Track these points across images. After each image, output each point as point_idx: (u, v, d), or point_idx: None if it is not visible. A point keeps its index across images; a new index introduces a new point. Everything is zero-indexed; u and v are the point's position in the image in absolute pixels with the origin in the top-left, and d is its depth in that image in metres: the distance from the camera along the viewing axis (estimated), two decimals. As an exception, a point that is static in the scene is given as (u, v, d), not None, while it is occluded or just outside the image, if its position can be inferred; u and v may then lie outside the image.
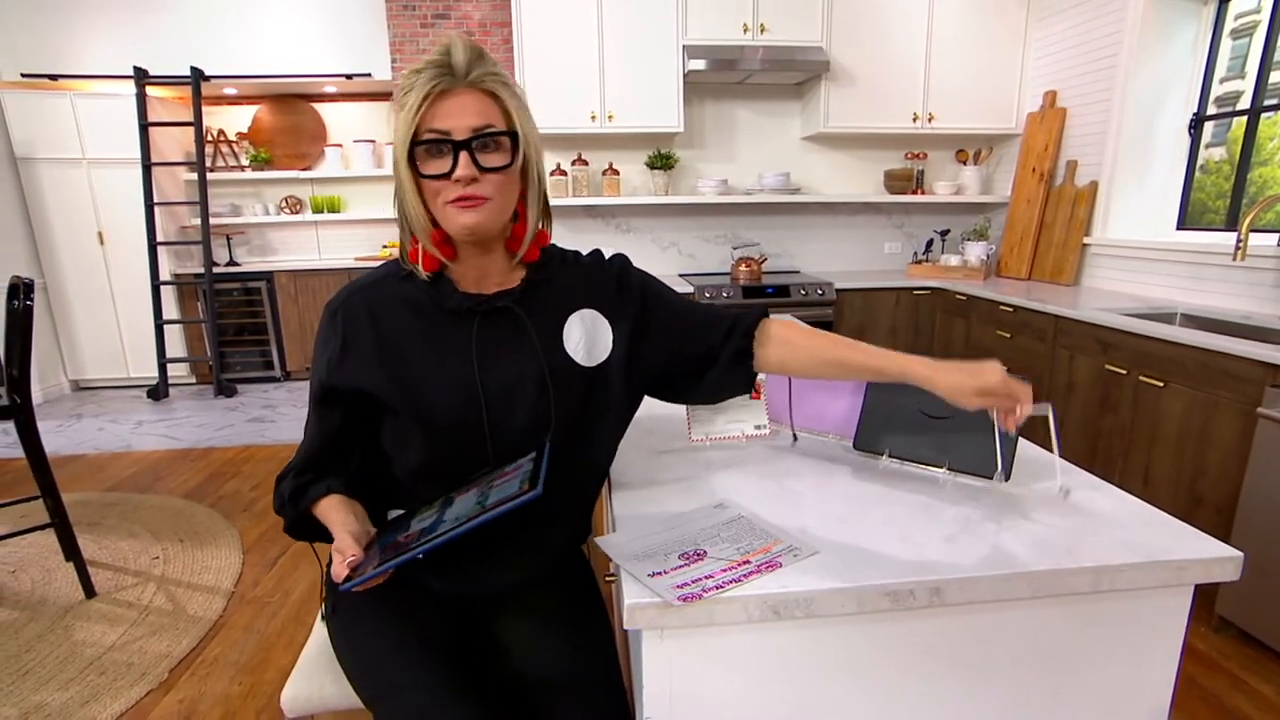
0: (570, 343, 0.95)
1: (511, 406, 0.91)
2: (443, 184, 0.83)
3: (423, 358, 0.91)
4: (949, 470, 1.01)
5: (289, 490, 0.94)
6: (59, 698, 1.74)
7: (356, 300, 0.92)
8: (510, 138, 0.84)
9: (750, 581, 0.74)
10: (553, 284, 0.96)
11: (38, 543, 2.56)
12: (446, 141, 0.82)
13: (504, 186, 0.86)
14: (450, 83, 0.82)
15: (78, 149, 4.44)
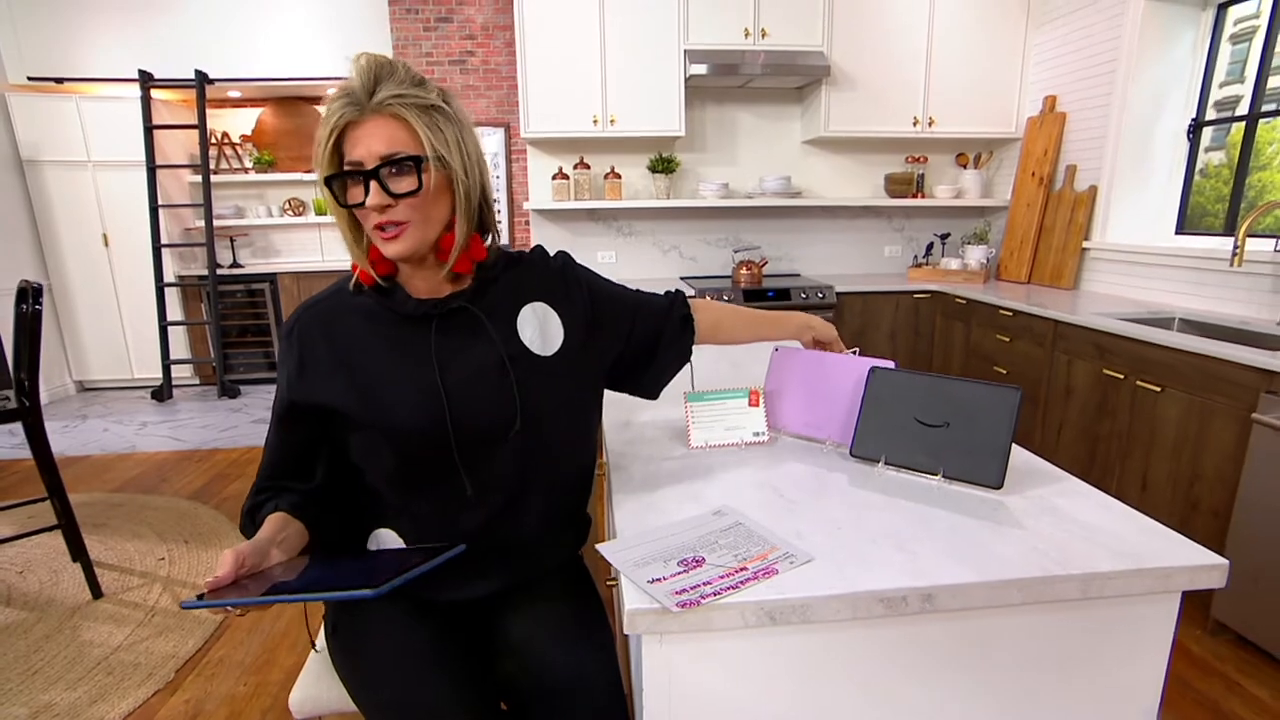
0: (525, 334, 0.97)
1: (475, 401, 0.92)
2: (365, 211, 0.85)
3: (380, 366, 0.91)
4: (943, 477, 1.03)
5: (247, 507, 0.94)
6: (67, 697, 1.76)
7: (309, 317, 0.93)
8: (416, 162, 0.84)
9: (747, 588, 0.76)
10: (502, 281, 0.98)
11: (45, 544, 2.59)
12: (359, 172, 0.83)
13: (421, 208, 0.86)
14: (356, 113, 0.83)
15: (83, 151, 4.48)
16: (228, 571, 0.76)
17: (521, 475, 0.95)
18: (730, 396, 1.20)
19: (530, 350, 0.96)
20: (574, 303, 1.02)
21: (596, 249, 3.81)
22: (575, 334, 1.00)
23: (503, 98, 4.73)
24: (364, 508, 0.98)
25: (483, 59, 4.66)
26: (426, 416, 0.90)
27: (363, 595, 0.71)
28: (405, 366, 0.91)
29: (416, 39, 4.60)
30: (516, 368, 0.94)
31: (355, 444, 0.94)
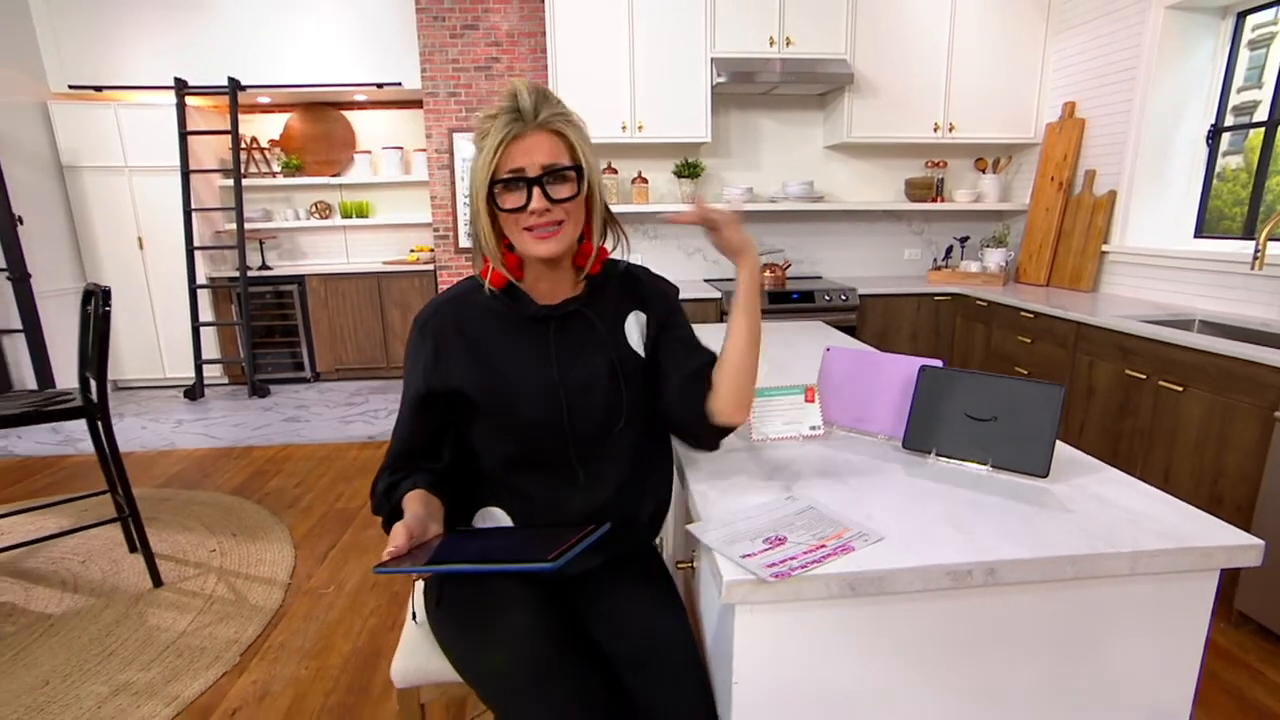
0: (631, 338, 1.10)
1: (589, 399, 1.04)
2: (519, 215, 0.96)
3: (506, 360, 1.03)
4: (991, 467, 1.11)
5: (383, 487, 1.05)
6: (143, 677, 1.86)
7: (445, 311, 1.05)
8: (576, 171, 0.97)
9: (829, 562, 0.84)
10: (610, 289, 1.11)
11: (102, 535, 2.69)
12: (521, 179, 0.94)
13: (573, 213, 0.99)
14: (521, 127, 0.94)
15: (120, 157, 4.61)
16: (403, 544, 0.89)
17: (626, 465, 1.07)
18: (787, 393, 1.28)
19: (634, 352, 1.09)
20: (656, 310, 1.14)
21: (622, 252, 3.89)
22: (652, 335, 1.12)
23: (527, 103, 4.83)
24: (477, 487, 1.08)
25: (507, 65, 4.76)
26: (545, 409, 1.02)
27: (542, 568, 0.82)
28: (528, 363, 1.03)
29: (443, 45, 4.70)
30: (624, 370, 1.07)
31: (478, 429, 1.05)
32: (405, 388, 1.07)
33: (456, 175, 4.92)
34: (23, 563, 2.48)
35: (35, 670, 1.88)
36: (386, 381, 5.18)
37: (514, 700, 0.92)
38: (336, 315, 5.06)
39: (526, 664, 0.94)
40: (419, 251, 5.29)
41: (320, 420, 4.23)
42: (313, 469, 3.45)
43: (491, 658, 0.97)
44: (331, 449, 3.74)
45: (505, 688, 0.93)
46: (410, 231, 5.45)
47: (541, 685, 0.91)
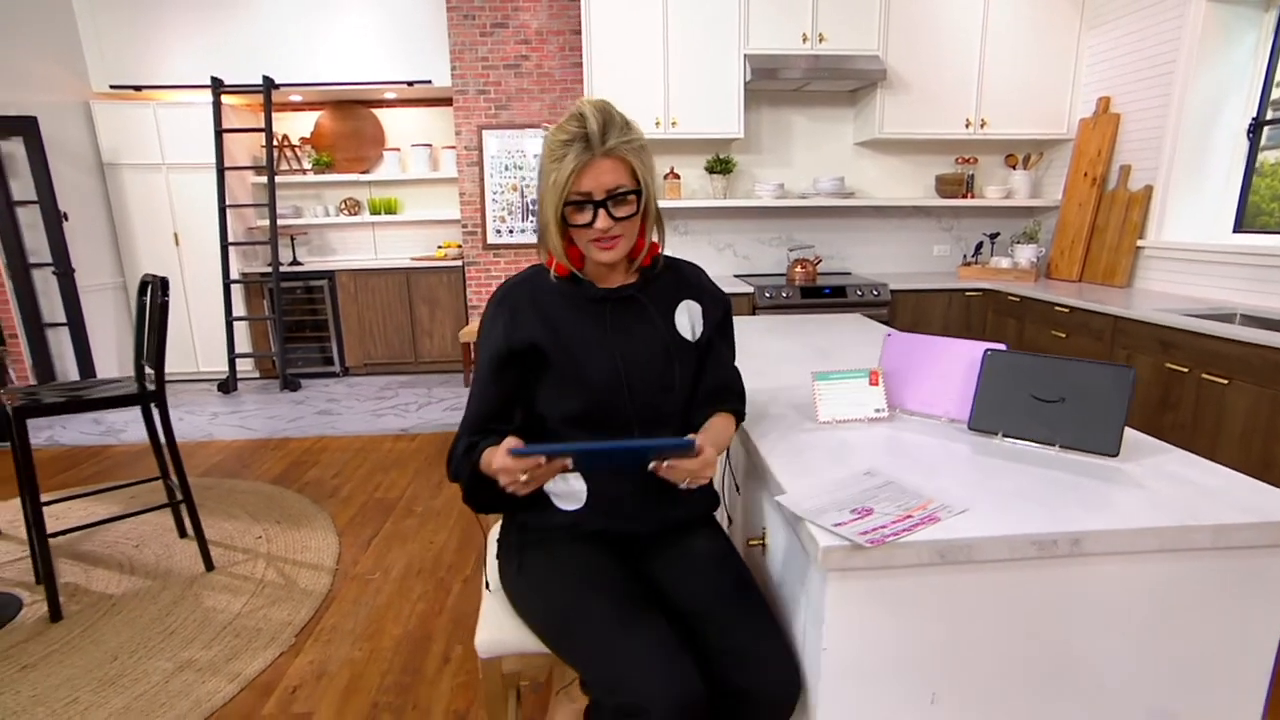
0: (680, 324, 1.21)
1: (646, 372, 1.15)
2: (586, 230, 1.08)
3: (572, 328, 1.14)
4: (1059, 448, 1.13)
5: (463, 447, 1.12)
6: (205, 655, 1.91)
7: (518, 290, 1.17)
8: (636, 194, 1.08)
9: (919, 530, 0.87)
10: (662, 280, 1.22)
11: (152, 521, 2.76)
12: (588, 201, 1.06)
13: (631, 228, 1.11)
14: (589, 157, 1.04)
15: (158, 155, 4.70)
16: (517, 442, 0.96)
17: (680, 431, 1.18)
18: (852, 376, 1.31)
19: (683, 337, 1.20)
20: (713, 311, 1.25)
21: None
22: (708, 332, 1.23)
23: (555, 100, 4.88)
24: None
25: (536, 63, 4.81)
26: (608, 371, 1.12)
27: (684, 443, 0.94)
28: (590, 333, 1.14)
29: (473, 44, 4.76)
30: (676, 350, 1.18)
31: (547, 389, 1.14)
32: (482, 354, 1.15)
33: (485, 172, 4.97)
34: (79, 545, 2.55)
35: (104, 646, 1.94)
36: (415, 376, 5.24)
37: (601, 650, 0.98)
38: (366, 310, 5.14)
39: (610, 615, 1.02)
40: (447, 248, 5.35)
41: (352, 413, 4.30)
42: (349, 460, 3.51)
43: (576, 611, 1.04)
44: (365, 441, 3.80)
45: (592, 638, 1.00)
46: (438, 228, 5.51)
47: (627, 632, 0.99)
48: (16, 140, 3.95)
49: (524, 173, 4.99)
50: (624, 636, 0.99)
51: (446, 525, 2.75)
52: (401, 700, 1.77)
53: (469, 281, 5.14)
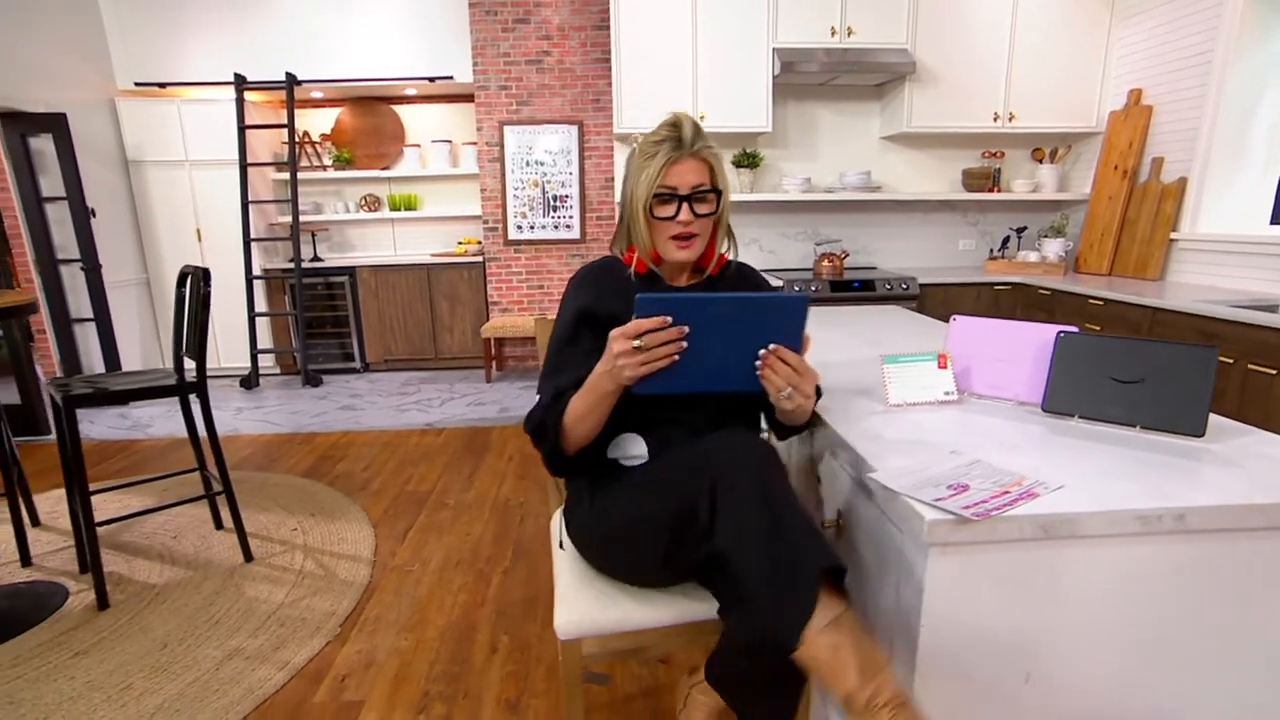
0: None
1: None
2: (668, 224, 1.18)
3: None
4: (1140, 429, 1.12)
5: (549, 397, 1.13)
6: (252, 644, 1.92)
7: (599, 273, 1.28)
8: (716, 193, 1.19)
9: (1021, 505, 0.86)
10: (724, 279, 1.31)
11: (187, 513, 2.77)
12: (675, 196, 1.16)
13: (707, 228, 1.22)
14: (679, 154, 1.16)
15: (181, 151, 4.72)
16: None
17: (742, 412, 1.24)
18: (921, 359, 1.30)
19: None
20: None
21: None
22: None
23: (576, 96, 4.88)
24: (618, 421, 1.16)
25: (558, 59, 4.81)
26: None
27: (801, 297, 0.98)
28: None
29: (495, 39, 4.77)
30: None
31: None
32: (562, 320, 1.23)
33: (507, 168, 4.98)
34: (118, 537, 2.56)
35: (151, 634, 1.95)
36: (435, 372, 5.25)
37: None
38: (386, 306, 5.15)
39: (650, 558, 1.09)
40: (466, 244, 5.36)
41: (375, 409, 4.30)
42: (377, 454, 3.51)
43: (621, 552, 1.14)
44: (391, 435, 3.80)
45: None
46: (457, 224, 5.52)
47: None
48: (45, 137, 3.97)
49: (545, 169, 5.00)
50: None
51: (481, 518, 2.75)
52: (452, 689, 1.77)
53: (489, 278, 5.15)
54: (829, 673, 0.85)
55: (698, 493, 0.98)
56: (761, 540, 0.92)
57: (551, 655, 1.89)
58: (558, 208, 5.08)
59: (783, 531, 0.93)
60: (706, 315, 0.97)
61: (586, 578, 1.18)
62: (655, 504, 1.07)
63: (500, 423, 3.99)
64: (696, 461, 1.03)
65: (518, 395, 4.58)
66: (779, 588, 0.89)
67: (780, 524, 0.93)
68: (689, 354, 0.98)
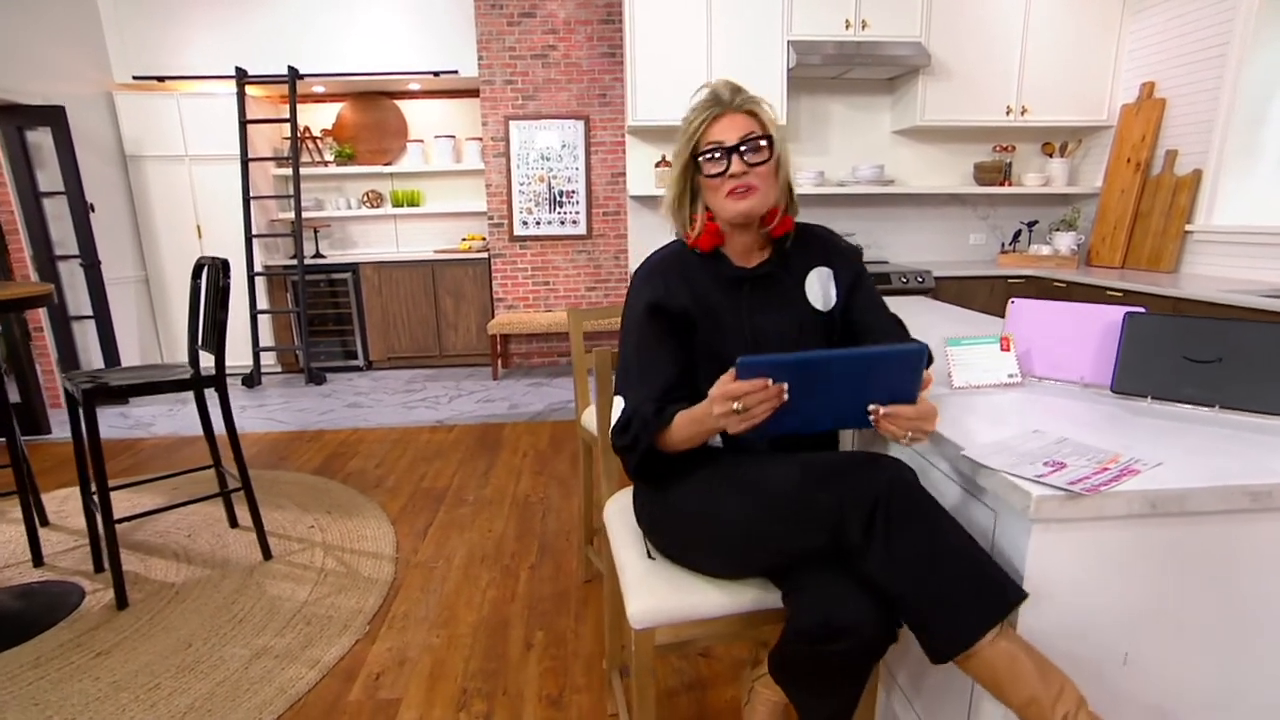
0: (810, 293, 1.22)
1: (779, 346, 1.16)
2: (720, 181, 1.12)
3: (716, 306, 1.18)
4: (1219, 408, 1.10)
5: (651, 410, 1.08)
6: (279, 642, 1.87)
7: (665, 263, 1.22)
8: (767, 140, 1.12)
9: (1124, 481, 0.84)
10: (796, 251, 1.24)
11: (200, 511, 2.71)
12: (721, 149, 1.10)
13: (766, 177, 1.13)
14: (719, 109, 1.13)
15: (181, 146, 4.63)
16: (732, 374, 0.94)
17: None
18: (984, 342, 1.28)
19: (814, 307, 1.22)
20: (846, 272, 1.25)
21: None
22: (842, 298, 1.24)
23: (583, 91, 4.85)
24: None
25: (564, 53, 4.78)
26: (741, 348, 1.14)
27: (910, 349, 0.90)
28: (730, 313, 1.18)
29: (500, 33, 4.72)
30: (806, 324, 1.21)
31: (700, 365, 1.15)
32: (632, 320, 1.18)
33: (512, 163, 4.93)
34: (131, 536, 2.50)
35: (174, 634, 1.89)
36: (440, 370, 5.19)
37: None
38: (390, 303, 5.08)
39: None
40: (471, 240, 5.31)
41: (383, 406, 4.25)
42: (388, 451, 3.46)
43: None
44: (401, 432, 3.75)
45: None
46: (461, 220, 5.46)
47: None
48: (42, 130, 3.88)
49: (550, 164, 4.96)
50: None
51: (501, 514, 2.71)
52: (490, 686, 1.73)
53: (495, 274, 5.10)
54: (1008, 679, 0.85)
55: (845, 513, 0.93)
56: (937, 567, 0.89)
57: (589, 650, 1.86)
58: (564, 203, 5.04)
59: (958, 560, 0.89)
60: (810, 375, 0.91)
61: (657, 565, 1.15)
62: (765, 513, 1.02)
63: (511, 419, 3.94)
64: (833, 481, 0.97)
65: (525, 392, 4.54)
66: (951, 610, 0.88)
67: (955, 554, 0.89)
68: (793, 405, 0.92)
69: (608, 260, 5.18)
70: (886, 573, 0.91)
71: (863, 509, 0.92)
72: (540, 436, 3.65)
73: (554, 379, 4.89)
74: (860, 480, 0.95)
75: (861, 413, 0.93)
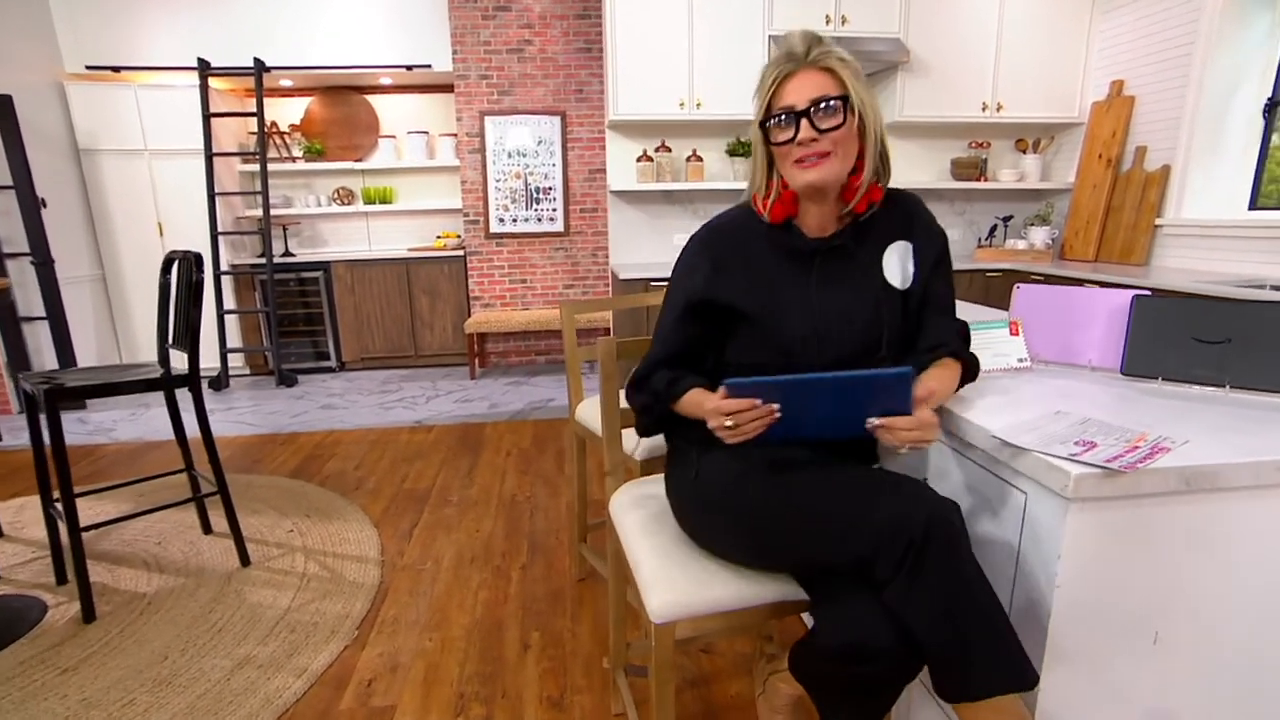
0: (888, 269, 1.10)
1: (847, 328, 1.07)
2: (789, 148, 1.02)
3: (776, 282, 1.09)
4: (1230, 388, 1.11)
5: (663, 382, 1.08)
6: (263, 651, 1.78)
7: (724, 232, 1.13)
8: (843, 101, 1.00)
9: (1158, 458, 0.83)
10: (876, 222, 1.12)
11: (170, 518, 2.59)
12: (791, 113, 1.00)
13: (842, 143, 1.01)
14: (793, 66, 1.01)
15: (139, 140, 4.45)
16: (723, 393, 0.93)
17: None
18: (993, 327, 1.28)
19: (890, 285, 1.10)
20: (929, 250, 1.13)
21: (673, 231, 3.88)
22: (922, 277, 1.12)
23: (559, 86, 4.79)
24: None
25: (540, 48, 4.71)
26: (806, 329, 1.06)
27: (900, 372, 0.87)
28: (796, 288, 1.08)
29: (475, 27, 4.64)
30: (884, 303, 1.08)
31: (740, 342, 1.10)
32: (675, 296, 1.13)
33: (488, 159, 4.85)
34: (95, 545, 2.37)
35: (149, 646, 1.79)
36: (416, 370, 5.08)
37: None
38: (363, 303, 4.95)
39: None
40: (446, 238, 5.21)
41: (358, 407, 4.13)
42: (367, 452, 3.36)
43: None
44: (380, 433, 3.65)
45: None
46: (435, 218, 5.35)
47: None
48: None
49: (527, 160, 4.89)
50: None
51: (489, 514, 2.65)
52: (489, 690, 1.67)
53: (471, 272, 5.01)
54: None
55: (878, 545, 0.89)
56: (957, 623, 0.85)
57: (587, 649, 1.81)
58: (540, 200, 4.97)
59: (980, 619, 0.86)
60: (799, 395, 0.91)
61: (675, 558, 1.11)
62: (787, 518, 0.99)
63: (492, 418, 3.87)
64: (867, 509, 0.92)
65: (505, 391, 4.46)
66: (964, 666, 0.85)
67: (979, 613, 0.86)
68: (787, 420, 0.92)
69: (585, 258, 5.13)
70: (904, 611, 0.88)
71: (896, 547, 0.87)
72: (523, 435, 3.58)
73: (533, 378, 4.83)
74: (897, 515, 0.88)
75: (858, 425, 0.92)
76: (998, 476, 0.97)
